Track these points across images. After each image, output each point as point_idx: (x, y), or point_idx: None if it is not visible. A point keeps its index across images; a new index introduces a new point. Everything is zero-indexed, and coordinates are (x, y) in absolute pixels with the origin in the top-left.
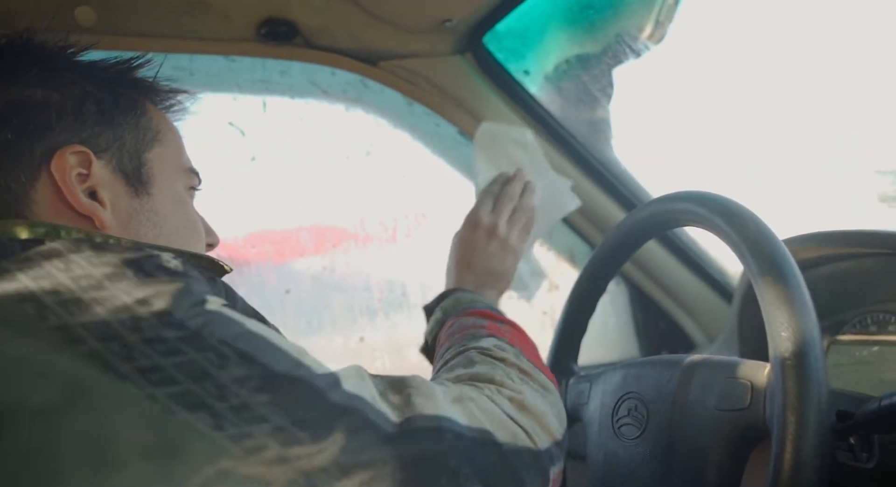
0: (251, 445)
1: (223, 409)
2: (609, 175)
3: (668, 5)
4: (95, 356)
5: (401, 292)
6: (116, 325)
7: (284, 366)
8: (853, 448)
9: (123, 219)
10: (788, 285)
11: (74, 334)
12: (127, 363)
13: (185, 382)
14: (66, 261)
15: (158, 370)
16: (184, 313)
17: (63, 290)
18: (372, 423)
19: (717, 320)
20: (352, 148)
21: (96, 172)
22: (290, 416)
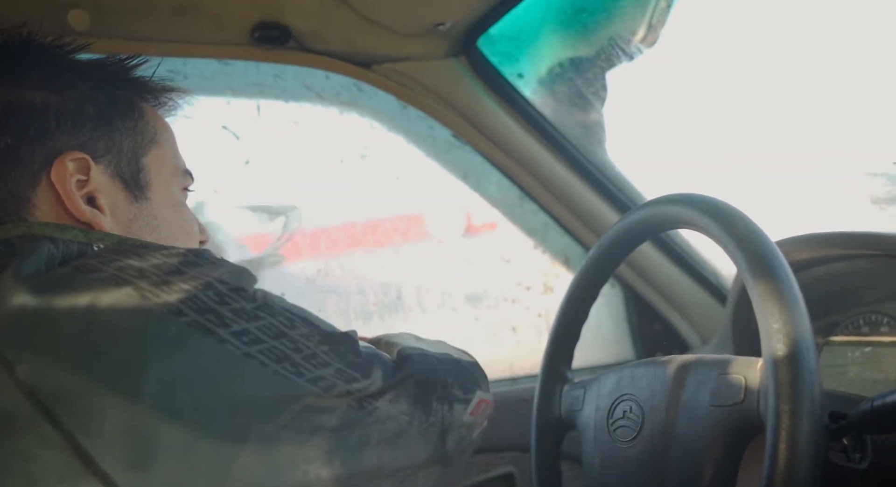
0: (325, 385)
1: (300, 359)
2: (603, 178)
3: (661, 9)
4: (197, 325)
5: (396, 295)
6: (206, 299)
7: (328, 326)
8: (846, 448)
9: (123, 225)
10: (778, 279)
11: (175, 307)
12: (223, 328)
13: (269, 341)
14: (139, 254)
15: (248, 333)
16: (251, 288)
17: (150, 275)
18: (387, 360)
19: (712, 321)
20: (346, 151)
21: (95, 177)
22: (345, 360)
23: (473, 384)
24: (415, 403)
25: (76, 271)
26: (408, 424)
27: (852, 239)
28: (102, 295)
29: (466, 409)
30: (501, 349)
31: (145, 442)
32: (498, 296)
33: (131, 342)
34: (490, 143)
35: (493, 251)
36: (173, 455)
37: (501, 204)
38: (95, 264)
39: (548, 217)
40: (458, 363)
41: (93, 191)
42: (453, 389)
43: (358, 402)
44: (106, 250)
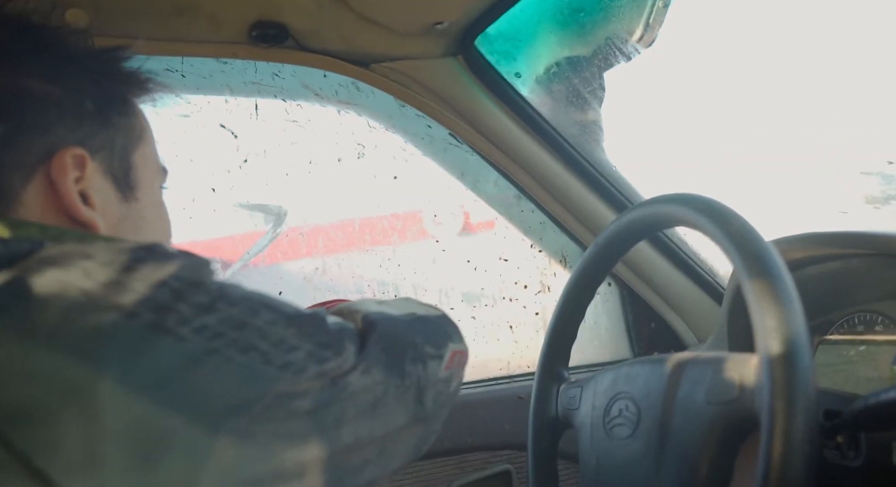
0: (296, 369)
1: (267, 347)
2: (600, 177)
3: (658, 9)
4: (154, 326)
5: (393, 294)
6: (161, 297)
7: (292, 309)
8: (840, 446)
9: (112, 224)
10: (774, 278)
11: (129, 310)
12: (181, 326)
13: (231, 332)
14: (85, 253)
15: (208, 328)
16: (207, 281)
17: (98, 275)
18: (354, 332)
19: (708, 320)
20: (344, 150)
21: (89, 175)
22: (314, 340)
23: (444, 338)
24: (387, 369)
25: (16, 278)
26: (383, 392)
27: (847, 238)
28: (47, 303)
29: (441, 364)
30: (498, 347)
31: (106, 458)
32: (495, 294)
33: (84, 352)
34: (487, 142)
35: (491, 250)
36: (137, 467)
37: (499, 203)
38: (38, 266)
39: (545, 216)
40: (426, 319)
41: (86, 189)
42: (424, 347)
43: (331, 381)
44: (52, 251)
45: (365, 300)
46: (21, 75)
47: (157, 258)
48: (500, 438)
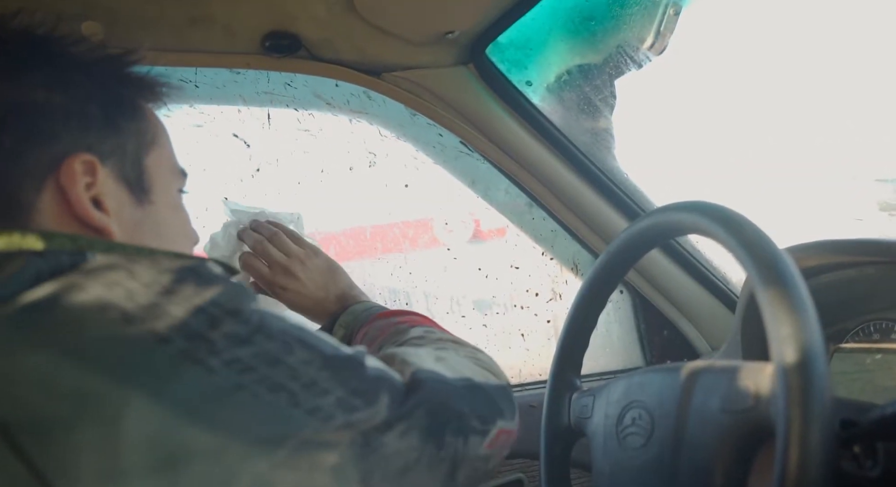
0: (323, 415)
1: (297, 387)
2: (611, 184)
3: (669, 16)
4: (185, 355)
5: (405, 302)
6: (196, 325)
7: (330, 348)
8: (857, 456)
9: (129, 229)
10: (788, 285)
11: (163, 335)
12: (213, 357)
13: (263, 368)
14: (129, 270)
15: (240, 361)
16: (247, 310)
17: (139, 296)
18: (397, 384)
19: (721, 328)
20: (355, 159)
21: (102, 180)
22: (347, 387)
23: (495, 414)
24: (426, 436)
25: (60, 293)
26: (416, 460)
27: (862, 246)
28: (84, 321)
29: (483, 441)
30: (510, 355)
31: (122, 479)
32: (507, 302)
33: (112, 376)
34: (499, 150)
35: (502, 258)
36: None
37: (510, 211)
38: (81, 282)
39: (556, 224)
40: (480, 388)
41: (99, 194)
42: (470, 420)
43: (363, 437)
44: (98, 264)
45: (422, 352)
46: (26, 86)
47: (200, 281)
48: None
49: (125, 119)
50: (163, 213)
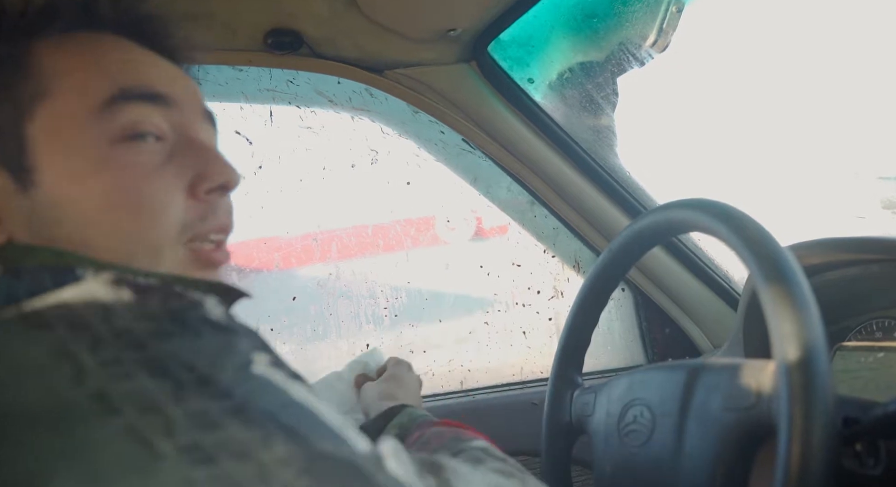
0: None
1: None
2: (613, 182)
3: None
4: (133, 432)
5: (406, 300)
6: (159, 394)
7: (329, 444)
8: (859, 454)
9: (22, 227)
10: (791, 283)
11: (112, 404)
12: (166, 439)
13: (225, 462)
14: (106, 308)
15: (199, 449)
16: (231, 379)
17: (103, 348)
18: None
19: (723, 326)
20: (357, 156)
21: None
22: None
23: None
24: None
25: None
26: None
27: (864, 244)
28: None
29: None
30: (512, 352)
31: None
32: (508, 300)
33: (40, 445)
34: (500, 147)
35: (504, 255)
36: None
37: (512, 208)
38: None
39: (558, 221)
40: None
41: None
42: None
43: None
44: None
45: (480, 476)
46: None
47: (188, 334)
48: (513, 444)
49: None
50: (58, 190)
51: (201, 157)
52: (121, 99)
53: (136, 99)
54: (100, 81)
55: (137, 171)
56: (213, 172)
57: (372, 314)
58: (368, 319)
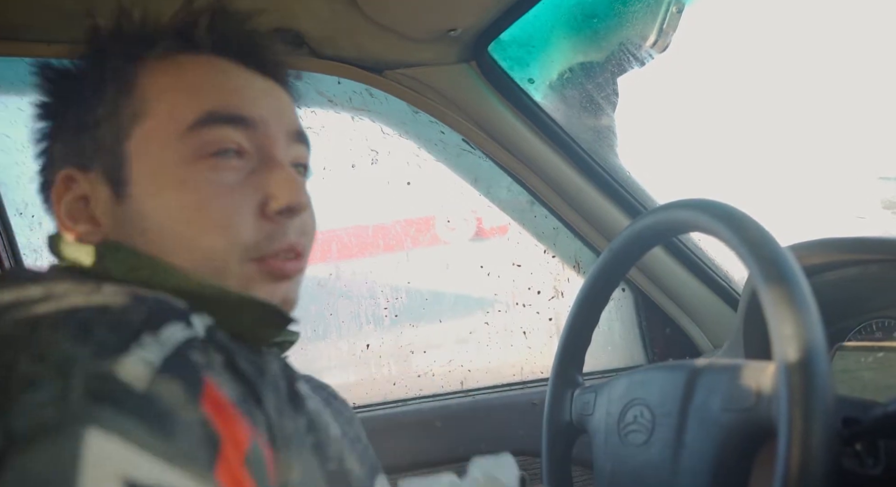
0: None
1: None
2: (614, 182)
3: (672, 14)
4: None
5: (406, 300)
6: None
7: None
8: (859, 454)
9: (111, 233)
10: (791, 284)
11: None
12: None
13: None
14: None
15: None
16: None
17: None
18: None
19: (723, 326)
20: (358, 156)
21: (85, 189)
22: None
23: None
24: None
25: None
26: None
27: (865, 244)
28: None
29: None
30: (512, 353)
31: None
32: (509, 300)
33: None
34: (501, 147)
35: (504, 255)
36: None
37: (512, 208)
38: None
39: (558, 221)
40: None
41: (90, 204)
42: None
43: None
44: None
45: None
46: (44, 121)
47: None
48: (513, 444)
49: (94, 109)
50: (144, 202)
51: (273, 177)
52: (207, 122)
53: (221, 122)
54: (189, 103)
55: (213, 189)
56: (282, 193)
57: (372, 314)
58: (368, 319)
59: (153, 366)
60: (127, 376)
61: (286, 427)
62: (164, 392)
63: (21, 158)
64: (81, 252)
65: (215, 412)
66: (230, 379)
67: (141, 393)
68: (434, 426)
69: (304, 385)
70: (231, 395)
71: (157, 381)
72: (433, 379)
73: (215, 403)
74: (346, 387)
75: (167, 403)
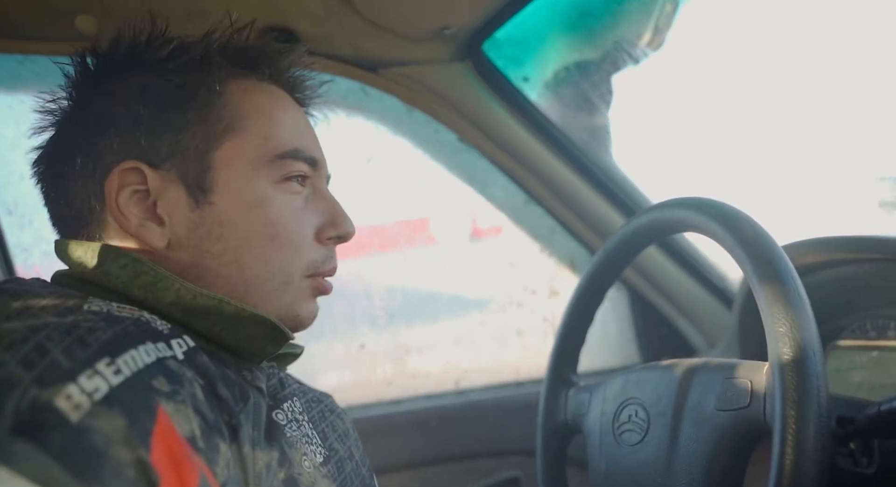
0: None
1: None
2: (608, 181)
3: (667, 12)
4: None
5: (402, 299)
6: None
7: None
8: (853, 453)
9: (182, 235)
10: (785, 283)
11: None
12: None
13: None
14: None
15: None
16: None
17: None
18: None
19: (718, 325)
20: (352, 155)
21: (155, 185)
22: None
23: None
24: None
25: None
26: None
27: (859, 243)
28: None
29: None
30: (507, 353)
31: None
32: (504, 300)
33: None
34: (496, 146)
35: (499, 255)
36: None
37: (507, 208)
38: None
39: (553, 221)
40: None
41: (155, 199)
42: None
43: None
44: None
45: None
46: (93, 105)
47: None
48: (508, 444)
49: (183, 112)
50: (227, 213)
51: (329, 208)
52: (293, 156)
53: (303, 159)
54: (282, 134)
55: (289, 210)
56: (339, 222)
57: (368, 314)
58: (364, 319)
59: (98, 395)
60: (64, 405)
61: (258, 461)
62: (102, 426)
63: (12, 156)
64: (86, 259)
65: (164, 450)
66: (200, 409)
67: (73, 426)
68: (429, 425)
69: (297, 405)
70: (194, 428)
71: (96, 413)
72: (428, 379)
73: (166, 439)
74: (342, 387)
75: (99, 439)
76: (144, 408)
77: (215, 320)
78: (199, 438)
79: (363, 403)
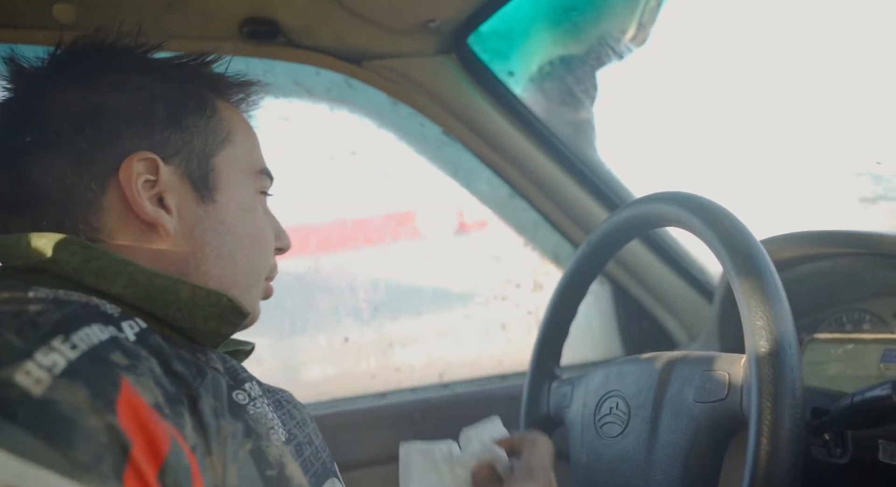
0: None
1: None
2: (592, 175)
3: (651, 7)
4: None
5: (386, 293)
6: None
7: None
8: (827, 443)
9: (188, 226)
10: (762, 277)
11: None
12: None
13: None
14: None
15: None
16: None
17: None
18: None
19: (699, 318)
20: (336, 148)
21: (164, 177)
22: None
23: None
24: None
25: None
26: None
27: (837, 238)
28: None
29: None
30: (491, 346)
31: None
32: (488, 293)
33: None
34: (480, 140)
35: (484, 249)
36: None
37: (492, 201)
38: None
39: (538, 215)
40: None
41: (162, 191)
42: None
43: None
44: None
45: None
46: (95, 93)
47: None
48: None
49: (192, 117)
50: (227, 213)
51: (275, 223)
52: (266, 174)
53: (269, 178)
54: (257, 154)
55: (263, 219)
56: (282, 236)
57: (352, 308)
58: (348, 312)
59: (57, 369)
60: (24, 381)
61: (223, 430)
62: (66, 398)
63: None
64: (35, 248)
65: (131, 416)
66: (160, 381)
67: (38, 400)
68: (413, 418)
69: (256, 387)
70: (158, 397)
71: (59, 386)
72: (412, 372)
73: (132, 406)
74: (325, 380)
75: (67, 409)
76: (106, 379)
77: (171, 300)
78: (164, 405)
79: (347, 396)
